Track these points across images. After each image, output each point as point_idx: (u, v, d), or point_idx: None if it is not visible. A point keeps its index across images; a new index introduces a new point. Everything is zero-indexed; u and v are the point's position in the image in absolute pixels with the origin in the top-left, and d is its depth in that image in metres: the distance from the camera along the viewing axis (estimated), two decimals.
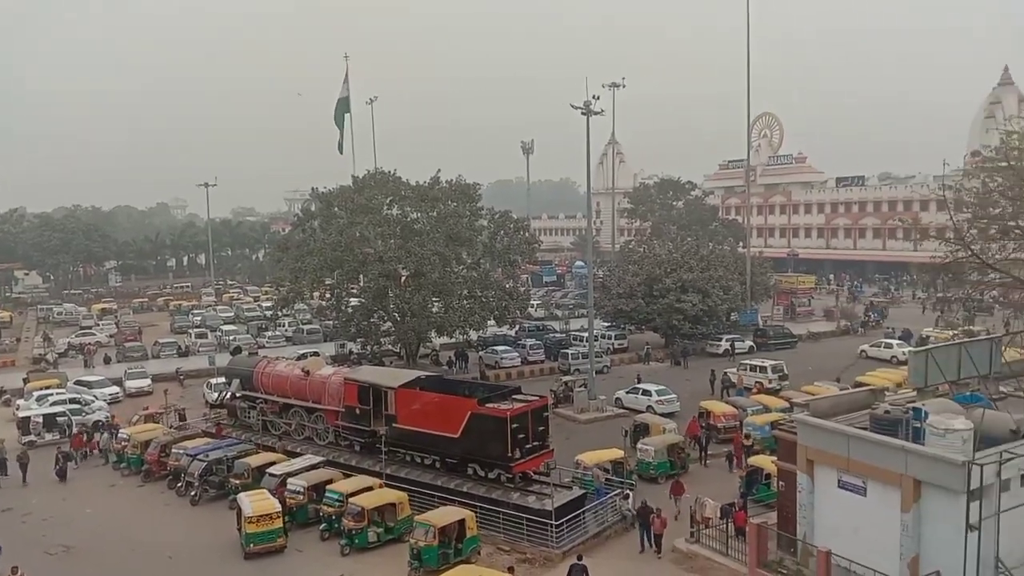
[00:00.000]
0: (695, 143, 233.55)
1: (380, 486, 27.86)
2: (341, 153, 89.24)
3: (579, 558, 22.97)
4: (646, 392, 41.89)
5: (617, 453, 30.70)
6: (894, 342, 53.51)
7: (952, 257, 38.03)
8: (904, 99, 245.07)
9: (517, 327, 59.48)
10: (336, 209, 53.90)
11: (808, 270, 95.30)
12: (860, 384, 34.33)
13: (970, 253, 36.63)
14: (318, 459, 31.38)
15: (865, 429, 21.19)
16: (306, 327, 65.42)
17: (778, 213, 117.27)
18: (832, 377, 42.15)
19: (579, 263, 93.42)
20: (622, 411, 41.22)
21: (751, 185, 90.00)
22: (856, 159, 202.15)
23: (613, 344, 57.42)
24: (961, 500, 18.31)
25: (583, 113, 41.61)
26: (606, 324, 59.90)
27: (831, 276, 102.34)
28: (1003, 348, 28.50)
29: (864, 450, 20.48)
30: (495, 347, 54.93)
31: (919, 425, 19.94)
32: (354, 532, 25.57)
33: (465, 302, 50.79)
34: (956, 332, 49.61)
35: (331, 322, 57.61)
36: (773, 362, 46.36)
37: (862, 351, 53.55)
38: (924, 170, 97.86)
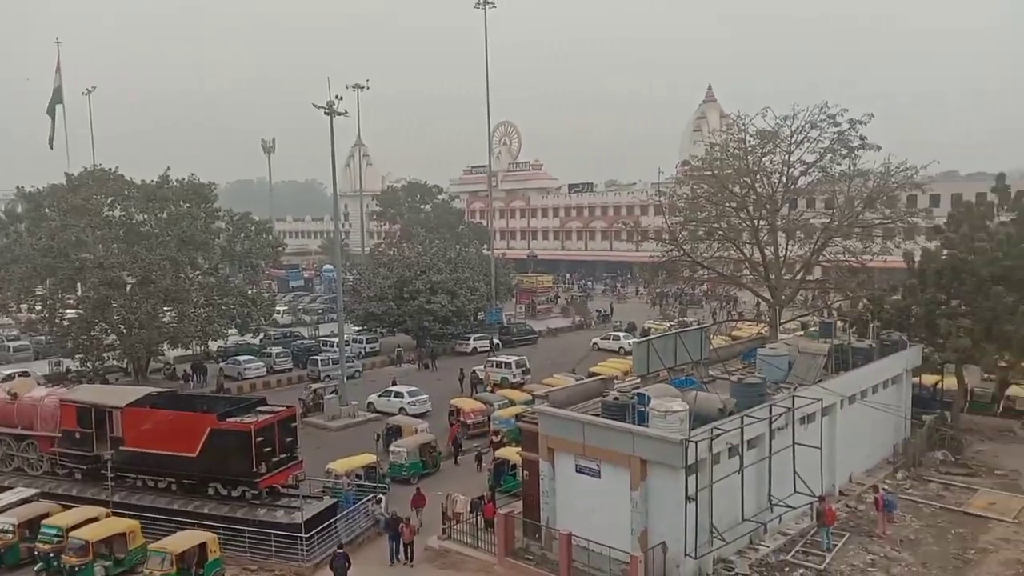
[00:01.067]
0: (442, 146, 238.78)
1: (107, 516, 25.29)
2: (51, 148, 79.99)
3: (340, 546, 23.37)
4: (398, 395, 41.98)
5: (369, 458, 30.42)
6: (621, 334, 58.31)
7: (668, 256, 42.31)
8: (634, 102, 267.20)
9: (262, 335, 56.87)
10: (47, 210, 48.06)
11: (546, 270, 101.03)
12: (593, 374, 36.94)
13: (682, 252, 41.00)
14: (31, 492, 27.80)
15: (598, 415, 22.89)
16: (12, 344, 57.70)
17: (519, 217, 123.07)
18: (569, 369, 45.02)
19: (327, 267, 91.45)
20: (375, 415, 40.92)
21: (493, 190, 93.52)
22: (589, 166, 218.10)
23: (365, 348, 56.86)
24: (681, 475, 20.38)
25: (326, 113, 40.82)
26: (357, 328, 59.21)
27: (567, 275, 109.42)
28: (711, 336, 32.17)
29: (597, 435, 22.09)
30: (237, 357, 52.08)
31: (643, 409, 21.88)
32: (77, 568, 22.97)
33: (202, 310, 47.55)
34: (672, 323, 55.30)
35: (44, 337, 51.38)
36: (517, 358, 48.53)
37: (594, 343, 57.77)
38: (644, 177, 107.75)
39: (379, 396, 42.71)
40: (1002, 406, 36.97)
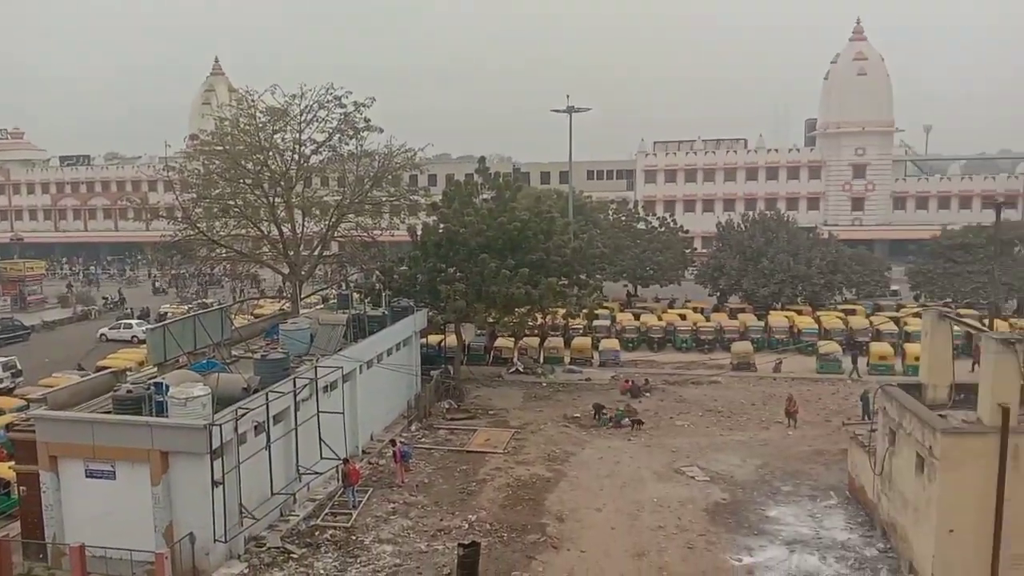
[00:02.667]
0: None
1: None
2: None
3: None
4: None
5: None
6: (133, 322, 53.77)
7: (182, 235, 40.11)
8: (137, 68, 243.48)
9: None
10: None
11: (37, 255, 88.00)
12: (102, 368, 33.50)
13: (197, 231, 39.24)
14: None
15: (110, 412, 20.94)
16: None
17: None
18: (73, 365, 40.14)
19: None
20: None
21: None
22: (84, 136, 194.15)
23: None
24: (206, 461, 19.75)
25: None
26: None
27: (63, 260, 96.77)
28: (232, 316, 31.51)
29: (109, 433, 20.24)
30: None
31: (162, 399, 20.63)
32: None
33: None
34: (191, 306, 52.67)
35: None
36: (3, 359, 41.60)
37: (102, 334, 52.31)
38: (150, 151, 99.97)
39: None
40: (492, 356, 43.32)
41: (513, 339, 43.14)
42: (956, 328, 23.99)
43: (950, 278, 50.24)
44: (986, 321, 32.36)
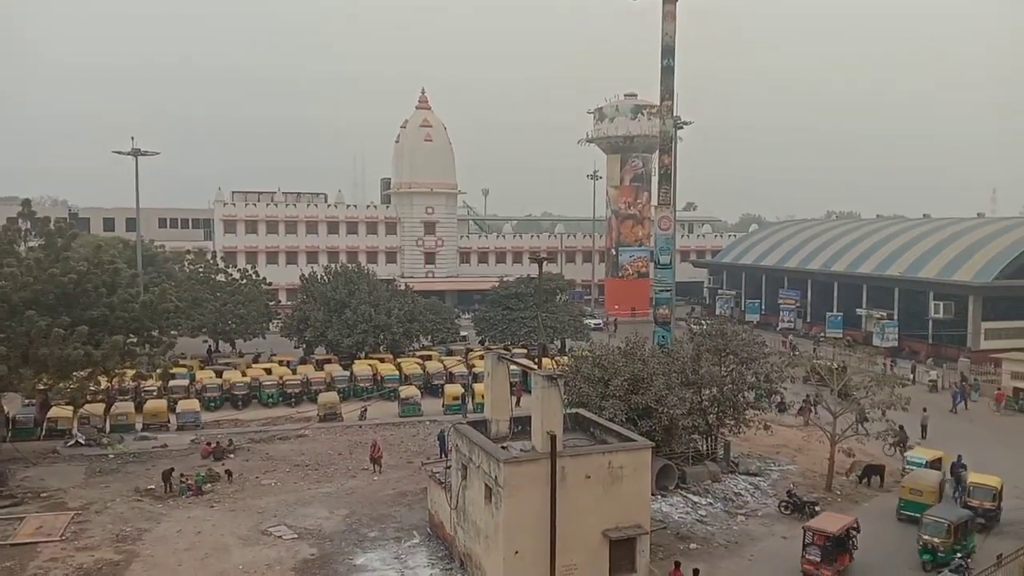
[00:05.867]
0: None
1: None
2: None
3: None
4: None
5: None
6: None
7: None
8: None
9: None
10: None
11: None
12: None
13: None
14: None
15: None
16: None
17: None
18: None
19: None
20: None
21: None
22: None
23: None
24: None
25: None
26: None
27: None
28: None
29: None
30: None
31: None
32: None
33: None
34: None
35: None
36: None
37: None
38: None
39: None
40: (45, 428, 37.53)
41: (72, 407, 37.87)
42: (513, 367, 27.17)
43: (508, 323, 56.74)
44: (535, 360, 37.06)
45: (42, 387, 34.14)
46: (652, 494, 24.86)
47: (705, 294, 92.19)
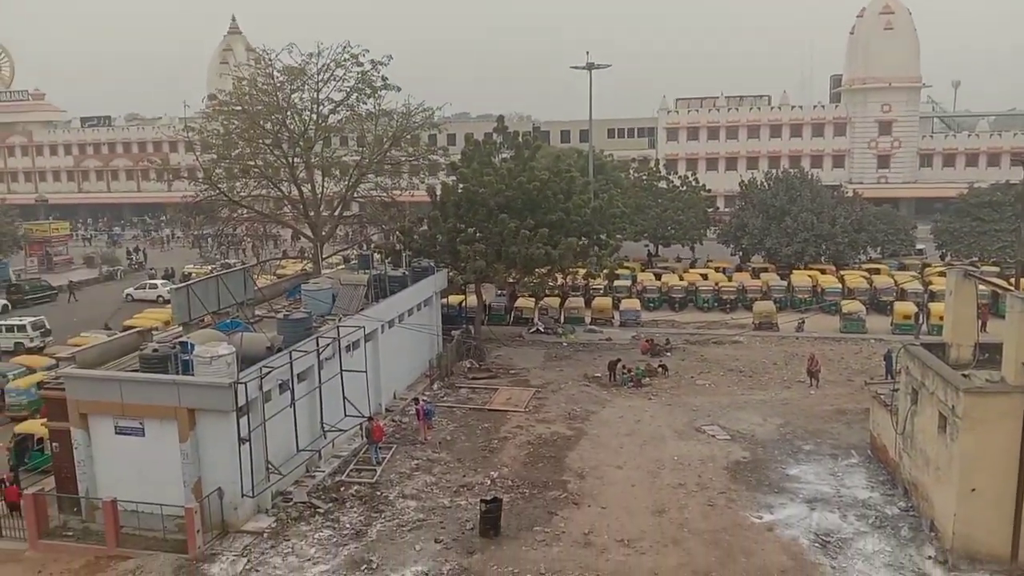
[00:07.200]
0: None
1: None
2: None
3: None
4: None
5: None
6: (158, 282, 54.39)
7: (203, 196, 40.31)
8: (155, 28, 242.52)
9: None
10: None
11: (62, 216, 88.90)
12: (129, 327, 34.01)
13: (218, 191, 39.43)
14: None
15: (137, 371, 21.29)
16: None
17: (20, 155, 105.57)
18: (101, 325, 40.79)
19: None
20: None
21: None
22: (104, 98, 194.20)
23: None
24: (232, 418, 20.09)
25: None
26: None
27: (88, 220, 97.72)
28: (255, 276, 31.79)
29: (137, 391, 20.59)
30: None
31: (188, 358, 20.93)
32: None
33: None
34: (214, 266, 53.16)
35: None
36: (33, 319, 42.32)
37: (128, 295, 53.02)
38: (170, 111, 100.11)
39: None
40: (512, 316, 43.43)
41: (533, 299, 43.19)
42: (981, 287, 23.70)
43: (976, 237, 49.50)
44: (1012, 280, 31.90)
45: (511, 280, 39.26)
46: None
47: None
